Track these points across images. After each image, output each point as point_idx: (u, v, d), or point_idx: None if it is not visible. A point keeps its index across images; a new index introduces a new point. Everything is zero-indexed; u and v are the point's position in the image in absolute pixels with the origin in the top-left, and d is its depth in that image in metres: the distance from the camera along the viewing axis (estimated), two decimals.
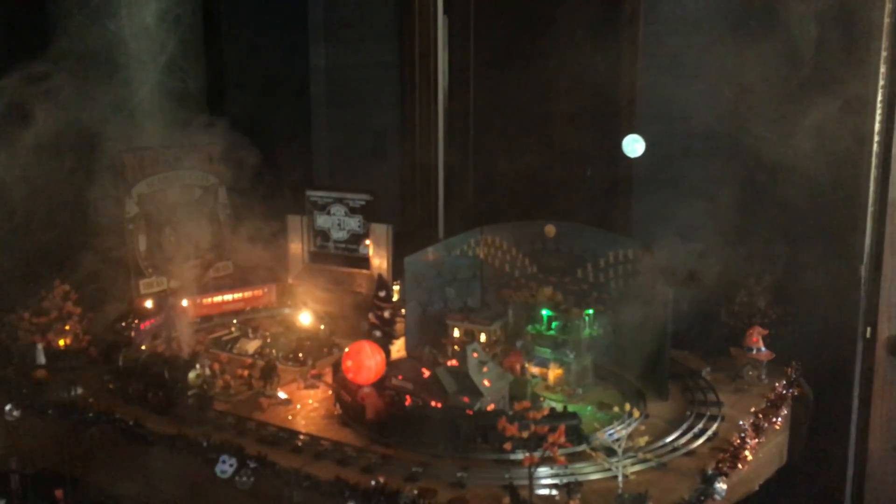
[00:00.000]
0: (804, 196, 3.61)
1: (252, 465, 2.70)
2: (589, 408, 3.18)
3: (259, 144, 4.14)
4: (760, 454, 2.90)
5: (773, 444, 3.09)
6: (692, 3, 3.88)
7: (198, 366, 3.15)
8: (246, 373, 3.45)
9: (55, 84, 3.62)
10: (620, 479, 2.45)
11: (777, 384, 3.29)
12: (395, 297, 3.82)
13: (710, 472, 2.61)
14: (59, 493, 3.63)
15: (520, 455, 2.52)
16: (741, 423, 2.92)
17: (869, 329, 3.51)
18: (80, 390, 3.32)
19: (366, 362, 3.06)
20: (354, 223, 4.27)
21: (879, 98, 3.41)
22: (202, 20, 4.57)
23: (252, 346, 3.80)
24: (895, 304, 3.51)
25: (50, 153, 3.63)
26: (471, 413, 2.82)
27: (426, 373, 3.04)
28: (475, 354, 2.98)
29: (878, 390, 3.54)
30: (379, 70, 5.02)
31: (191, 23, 4.49)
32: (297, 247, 4.44)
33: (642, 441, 2.53)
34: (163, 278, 4.24)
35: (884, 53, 3.37)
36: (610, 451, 2.52)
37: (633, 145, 3.90)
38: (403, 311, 3.72)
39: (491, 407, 2.93)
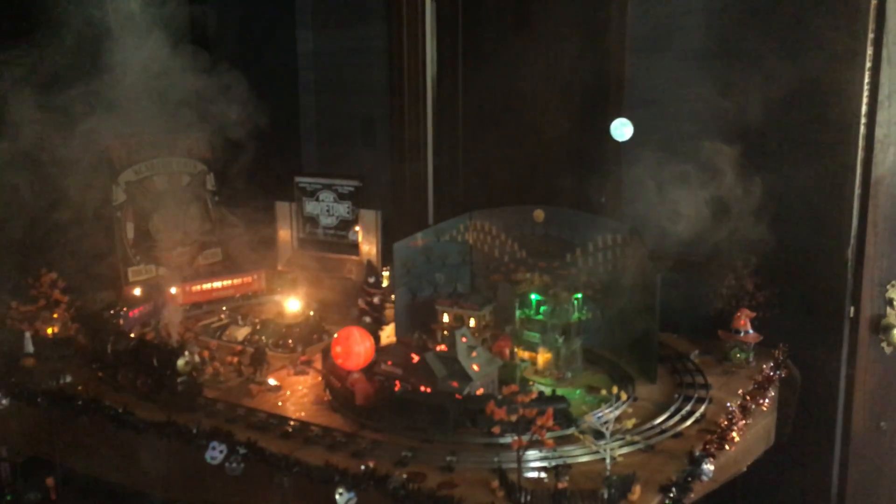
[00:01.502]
0: (792, 179, 3.62)
1: (242, 451, 2.70)
2: (577, 391, 3.20)
3: (247, 130, 4.12)
4: (748, 435, 2.92)
5: (761, 425, 3.11)
6: None
7: (187, 353, 3.14)
8: (235, 360, 3.45)
9: (38, 70, 3.59)
10: (608, 461, 2.46)
11: (764, 366, 3.31)
12: (385, 283, 3.82)
13: (697, 453, 2.63)
14: (49, 480, 3.64)
15: (508, 439, 2.52)
16: (729, 404, 2.95)
17: (852, 308, 3.54)
18: (68, 378, 3.32)
19: (355, 348, 3.06)
20: (343, 209, 4.26)
21: (866, 80, 3.42)
22: (188, 4, 4.53)
23: (241, 332, 3.80)
24: (878, 284, 3.53)
25: (34, 141, 3.60)
26: (460, 397, 2.83)
27: (415, 358, 3.05)
28: (464, 339, 2.99)
29: (862, 369, 3.58)
30: (367, 55, 4.99)
31: (176, 8, 4.44)
32: (285, 233, 4.44)
33: (630, 424, 2.54)
34: (151, 266, 4.23)
35: (871, 35, 3.38)
36: (598, 434, 2.53)
37: (622, 129, 3.90)
38: (393, 296, 3.72)
39: (480, 391, 2.95)
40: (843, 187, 3.52)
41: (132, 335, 3.55)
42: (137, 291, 4.05)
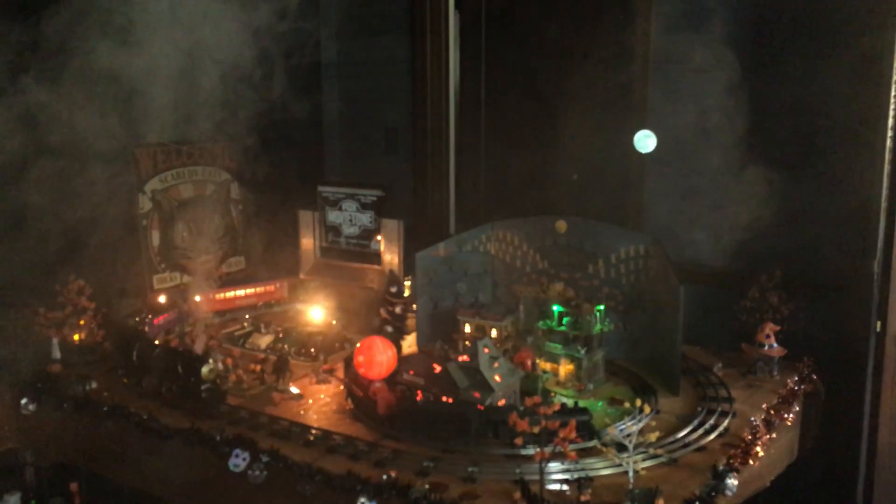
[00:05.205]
0: (817, 192, 3.60)
1: (265, 458, 2.72)
2: (600, 403, 3.18)
3: (270, 140, 4.15)
4: (772, 450, 2.89)
5: (785, 440, 3.08)
6: None
7: (211, 360, 3.17)
8: (258, 367, 3.48)
9: (66, 79, 3.63)
10: (631, 474, 2.45)
11: (789, 380, 3.28)
12: (407, 293, 3.83)
13: (721, 467, 2.61)
14: (73, 486, 3.66)
15: (531, 450, 2.52)
16: (752, 418, 2.92)
17: (879, 323, 3.50)
18: (94, 384, 3.36)
19: (377, 357, 3.07)
20: (366, 219, 4.28)
21: (893, 92, 3.39)
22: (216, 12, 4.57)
23: (264, 341, 3.82)
24: None
25: (62, 148, 3.65)
26: (482, 408, 2.83)
27: (437, 368, 3.05)
28: (486, 350, 2.99)
29: (888, 384, 3.54)
30: (390, 66, 5.03)
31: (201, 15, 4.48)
32: (308, 242, 4.46)
33: (653, 437, 2.53)
34: (176, 274, 4.28)
35: None
36: (621, 447, 2.52)
37: (645, 141, 3.89)
38: (415, 306, 3.73)
39: (502, 402, 2.94)
40: (870, 200, 3.49)
41: (157, 342, 3.59)
42: (162, 299, 4.09)
